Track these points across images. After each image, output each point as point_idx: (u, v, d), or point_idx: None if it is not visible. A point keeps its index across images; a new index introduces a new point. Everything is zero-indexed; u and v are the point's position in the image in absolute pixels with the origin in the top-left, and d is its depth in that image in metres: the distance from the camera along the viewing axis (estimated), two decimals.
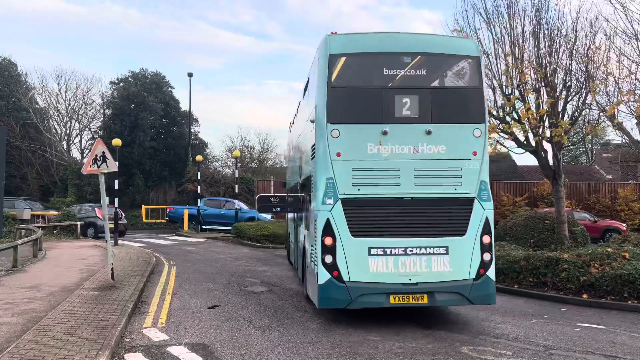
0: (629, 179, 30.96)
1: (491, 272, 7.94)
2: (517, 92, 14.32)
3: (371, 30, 12.20)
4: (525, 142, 14.65)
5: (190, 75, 33.57)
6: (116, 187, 20.49)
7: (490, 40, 14.87)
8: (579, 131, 22.07)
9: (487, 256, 7.89)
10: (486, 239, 7.88)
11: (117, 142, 20.20)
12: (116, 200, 20.43)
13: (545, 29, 14.49)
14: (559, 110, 14.30)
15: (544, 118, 14.28)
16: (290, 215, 14.53)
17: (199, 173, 27.00)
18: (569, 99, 14.49)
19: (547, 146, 15.00)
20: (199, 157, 27.20)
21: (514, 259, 11.84)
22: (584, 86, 14.24)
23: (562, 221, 14.85)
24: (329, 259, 7.72)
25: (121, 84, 35.81)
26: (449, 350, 6.92)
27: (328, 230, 7.73)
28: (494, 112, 14.52)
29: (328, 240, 7.73)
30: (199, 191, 26.86)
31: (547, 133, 14.20)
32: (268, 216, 25.14)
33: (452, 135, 7.93)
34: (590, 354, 6.80)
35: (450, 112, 8.01)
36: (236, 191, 25.70)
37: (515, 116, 14.40)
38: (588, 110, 16.65)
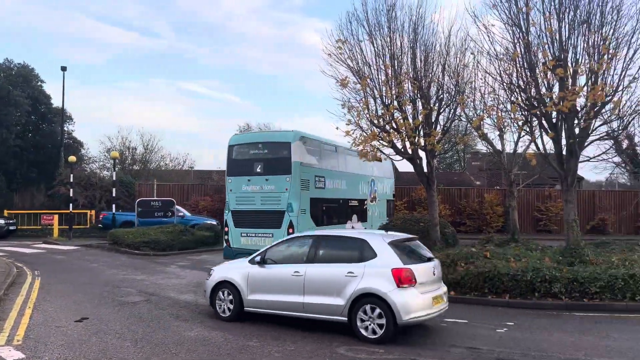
0: (494, 185, 34.21)
1: None
2: (395, 103, 15.12)
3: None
4: (402, 149, 15.50)
5: (64, 69, 30.92)
6: None
7: (373, 52, 15.55)
8: (451, 140, 23.84)
9: None
10: (290, 230, 14.25)
11: None
12: None
13: (421, 44, 15.49)
14: (432, 121, 15.35)
15: (419, 128, 15.24)
16: None
17: (71, 175, 24.90)
18: (441, 111, 15.60)
19: (422, 154, 16.03)
20: (72, 158, 25.05)
21: None
22: (454, 99, 15.44)
23: (434, 224, 15.94)
24: (225, 237, 15.50)
25: None
26: (326, 351, 7.07)
27: (226, 224, 15.54)
28: (375, 121, 15.18)
29: (226, 229, 15.55)
30: (71, 194, 24.80)
31: (422, 142, 15.17)
32: (214, 221, 23.80)
33: (277, 181, 14.71)
34: (454, 347, 7.35)
35: (276, 169, 14.81)
36: (114, 195, 24.12)
37: (394, 125, 15.19)
38: (458, 122, 18.12)
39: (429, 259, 8.31)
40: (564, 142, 12.83)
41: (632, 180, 29.16)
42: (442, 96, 15.56)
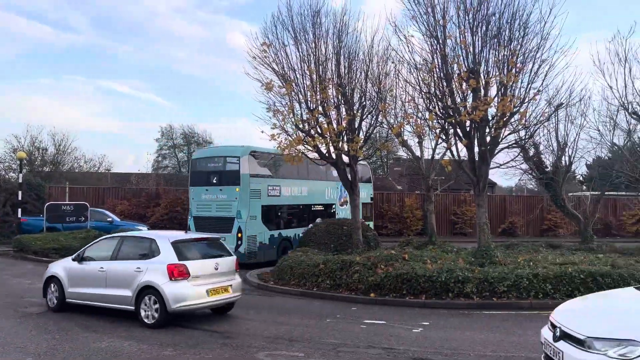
0: (414, 189, 35.50)
1: (242, 248, 16.17)
2: (320, 108, 15.26)
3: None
4: (327, 154, 15.68)
5: None
6: None
7: (298, 57, 15.60)
8: (374, 146, 24.37)
9: (239, 241, 16.25)
10: (239, 234, 16.27)
11: None
12: None
13: (345, 51, 15.75)
14: (356, 126, 15.65)
15: (343, 133, 15.48)
16: None
17: None
18: (364, 117, 15.94)
19: (346, 159, 16.29)
20: None
21: (314, 263, 12.55)
22: (376, 106, 15.83)
23: (357, 227, 16.22)
24: None
25: None
26: (245, 357, 6.97)
27: (189, 228, 17.02)
28: (300, 126, 15.24)
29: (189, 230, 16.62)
30: None
31: (345, 147, 15.42)
32: (144, 226, 22.24)
33: (229, 191, 16.56)
34: (372, 348, 7.50)
35: (228, 180, 16.65)
36: (20, 198, 22.42)
37: (319, 130, 15.32)
38: (380, 128, 18.62)
39: (215, 256, 9.44)
40: (476, 149, 13.54)
41: (538, 186, 31.39)
42: (365, 103, 15.90)
